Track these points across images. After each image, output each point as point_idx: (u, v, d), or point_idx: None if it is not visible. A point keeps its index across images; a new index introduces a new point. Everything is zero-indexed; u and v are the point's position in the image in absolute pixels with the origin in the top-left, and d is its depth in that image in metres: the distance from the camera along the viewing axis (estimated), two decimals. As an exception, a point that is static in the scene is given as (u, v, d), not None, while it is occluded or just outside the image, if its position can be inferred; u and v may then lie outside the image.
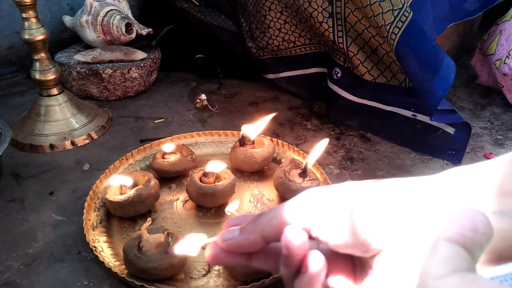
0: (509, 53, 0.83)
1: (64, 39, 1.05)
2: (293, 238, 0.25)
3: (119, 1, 0.93)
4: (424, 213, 0.24)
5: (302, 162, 0.58)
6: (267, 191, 0.61)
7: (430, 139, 0.72)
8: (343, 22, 0.72)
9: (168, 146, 0.63)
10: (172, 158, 0.62)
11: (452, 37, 0.97)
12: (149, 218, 0.48)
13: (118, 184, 0.55)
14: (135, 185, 0.55)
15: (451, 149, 0.71)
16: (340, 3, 0.71)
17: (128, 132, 0.77)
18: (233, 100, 0.90)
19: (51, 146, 0.71)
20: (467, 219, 0.18)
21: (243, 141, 0.64)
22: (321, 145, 0.55)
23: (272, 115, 0.63)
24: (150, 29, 0.92)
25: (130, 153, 0.65)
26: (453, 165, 0.69)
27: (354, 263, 0.28)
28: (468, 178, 0.25)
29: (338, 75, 0.79)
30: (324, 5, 0.72)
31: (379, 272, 0.25)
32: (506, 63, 0.83)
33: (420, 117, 0.72)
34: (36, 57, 0.70)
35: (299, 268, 0.26)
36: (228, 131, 0.71)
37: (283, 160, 0.66)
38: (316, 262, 0.25)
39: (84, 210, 0.53)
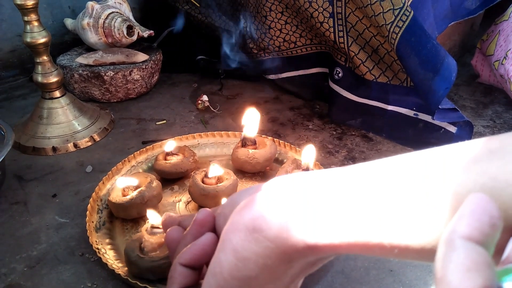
0: (506, 54, 0.83)
1: (66, 42, 1.06)
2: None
3: (120, 4, 0.94)
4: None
5: (303, 162, 0.58)
6: (269, 191, 0.61)
7: (432, 138, 0.72)
8: (344, 22, 0.72)
9: (169, 144, 0.63)
10: (174, 160, 0.62)
11: (453, 36, 0.97)
12: (148, 220, 0.48)
13: (121, 186, 0.55)
14: (137, 186, 0.55)
15: (453, 148, 0.70)
16: (340, 3, 0.71)
17: (130, 134, 0.78)
18: (234, 101, 0.90)
19: (54, 149, 0.71)
20: (485, 212, 0.15)
21: (245, 142, 0.64)
22: (311, 151, 0.56)
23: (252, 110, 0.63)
24: (151, 31, 0.92)
25: (132, 155, 0.65)
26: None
27: None
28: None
29: (339, 75, 0.79)
30: (325, 5, 0.72)
31: None
32: (503, 64, 0.83)
33: (422, 116, 0.72)
34: (38, 60, 0.70)
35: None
36: (229, 132, 0.71)
37: (285, 161, 0.66)
38: (202, 210, 0.31)
39: (87, 212, 0.53)
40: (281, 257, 0.24)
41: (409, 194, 0.21)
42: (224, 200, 0.50)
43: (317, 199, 0.24)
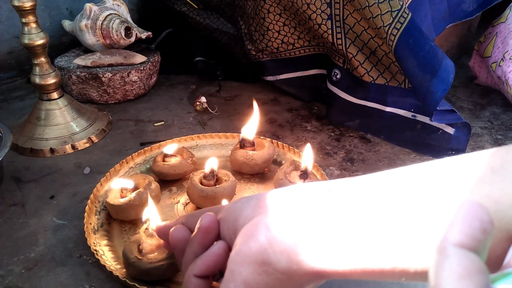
0: (503, 56, 0.83)
1: (64, 43, 1.05)
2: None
3: (118, 5, 0.94)
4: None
5: (301, 164, 0.58)
6: (267, 193, 0.61)
7: (430, 139, 0.72)
8: (341, 23, 0.72)
9: (170, 147, 0.63)
10: (172, 161, 0.62)
11: (451, 37, 0.97)
12: (146, 222, 0.48)
13: (119, 187, 0.55)
14: (135, 188, 0.55)
15: (451, 149, 0.71)
16: (338, 5, 0.71)
17: (128, 136, 0.78)
18: (232, 103, 0.90)
19: (52, 150, 0.71)
20: (475, 218, 0.15)
21: (243, 143, 0.64)
22: (308, 150, 0.56)
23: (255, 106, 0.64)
24: (150, 33, 0.92)
25: (130, 156, 0.65)
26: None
27: None
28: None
29: (338, 76, 0.79)
30: (323, 7, 0.72)
31: None
32: (500, 66, 0.83)
33: (420, 117, 0.72)
34: (36, 62, 0.70)
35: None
36: (228, 134, 0.71)
37: (283, 162, 0.66)
38: (206, 216, 0.31)
39: (85, 213, 0.53)
40: (293, 284, 0.25)
41: (416, 222, 0.22)
42: (224, 202, 0.50)
43: (326, 224, 0.24)
